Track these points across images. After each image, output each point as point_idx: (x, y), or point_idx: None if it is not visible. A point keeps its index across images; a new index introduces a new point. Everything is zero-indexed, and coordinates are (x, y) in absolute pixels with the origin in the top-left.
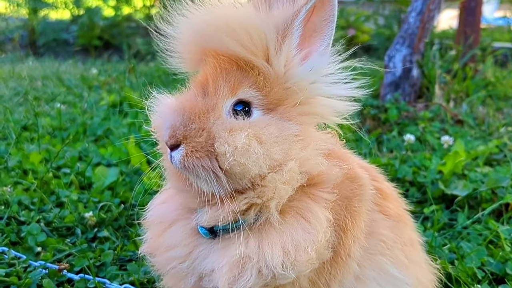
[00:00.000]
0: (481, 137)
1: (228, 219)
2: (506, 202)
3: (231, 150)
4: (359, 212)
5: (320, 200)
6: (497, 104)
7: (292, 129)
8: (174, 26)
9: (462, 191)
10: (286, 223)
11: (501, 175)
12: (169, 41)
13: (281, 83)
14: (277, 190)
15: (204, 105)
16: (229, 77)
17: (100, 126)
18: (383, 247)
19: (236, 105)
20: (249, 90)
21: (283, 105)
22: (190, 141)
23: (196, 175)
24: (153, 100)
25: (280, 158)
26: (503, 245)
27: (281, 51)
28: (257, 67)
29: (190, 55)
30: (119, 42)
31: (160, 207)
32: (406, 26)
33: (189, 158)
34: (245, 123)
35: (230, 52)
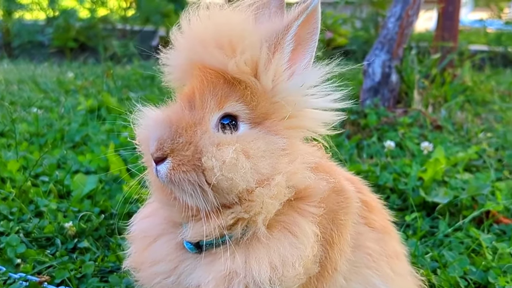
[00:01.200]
0: (460, 142)
1: (215, 234)
2: (487, 210)
3: (219, 165)
4: (345, 225)
5: (307, 215)
6: (475, 109)
7: (279, 143)
8: (173, 39)
9: (443, 199)
10: (273, 238)
11: (481, 182)
12: (166, 54)
13: (268, 97)
14: (265, 205)
15: (191, 119)
16: (216, 90)
17: (78, 132)
18: (369, 260)
19: (223, 119)
20: (236, 104)
21: (270, 119)
22: (177, 154)
23: (182, 189)
24: (137, 112)
25: (268, 172)
26: (485, 253)
27: (270, 66)
28: (244, 81)
29: (180, 67)
30: (95, 44)
31: (144, 221)
32: (385, 32)
33: (175, 171)
34: (232, 137)
35: (218, 67)
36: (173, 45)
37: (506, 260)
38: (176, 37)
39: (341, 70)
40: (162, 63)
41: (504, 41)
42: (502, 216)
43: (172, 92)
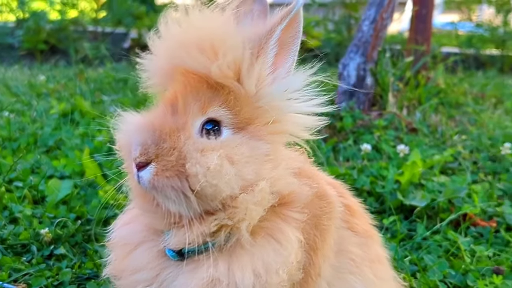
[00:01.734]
0: (435, 145)
1: (198, 241)
2: (464, 213)
3: (203, 171)
4: (328, 230)
5: (290, 221)
6: (449, 112)
7: (263, 149)
8: (151, 43)
9: (421, 202)
10: (257, 245)
11: (457, 185)
12: (145, 59)
13: (251, 102)
14: (249, 211)
15: (174, 124)
16: (199, 95)
17: (51, 136)
18: (352, 265)
19: (206, 124)
20: (219, 109)
21: (253, 124)
22: (161, 159)
23: (165, 195)
24: (117, 117)
25: (252, 178)
26: (464, 256)
27: (253, 71)
28: (228, 86)
29: (161, 72)
30: (66, 47)
31: (125, 228)
32: (360, 35)
33: (159, 177)
34: (216, 143)
35: (200, 71)
36: (151, 50)
37: (484, 263)
38: (155, 42)
39: (322, 74)
40: (140, 68)
41: (475, 43)
42: (479, 219)
43: (151, 97)
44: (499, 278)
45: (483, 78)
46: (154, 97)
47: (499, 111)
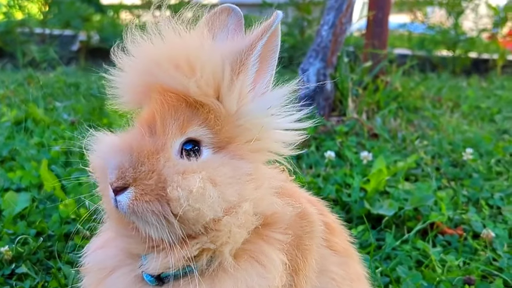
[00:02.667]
0: (397, 151)
1: (178, 266)
2: (430, 221)
3: (185, 195)
4: (310, 250)
5: (274, 242)
6: (408, 116)
7: (245, 168)
8: (120, 60)
9: (388, 211)
10: (240, 268)
11: (424, 192)
12: (115, 76)
13: (232, 120)
14: (232, 234)
15: (153, 145)
16: (177, 114)
17: (5, 146)
18: (333, 285)
19: (185, 144)
20: (199, 129)
21: (234, 143)
22: (139, 183)
23: (146, 220)
24: (90, 137)
25: (235, 200)
26: (435, 267)
27: (234, 88)
28: (207, 105)
29: (134, 90)
30: (13, 50)
31: (99, 252)
32: (319, 40)
33: (138, 202)
34: (198, 164)
35: (181, 90)
36: (119, 67)
37: (455, 273)
38: (123, 59)
39: (300, 88)
40: (109, 85)
41: (427, 45)
42: (446, 227)
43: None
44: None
45: (437, 81)
46: (126, 115)
47: (456, 114)
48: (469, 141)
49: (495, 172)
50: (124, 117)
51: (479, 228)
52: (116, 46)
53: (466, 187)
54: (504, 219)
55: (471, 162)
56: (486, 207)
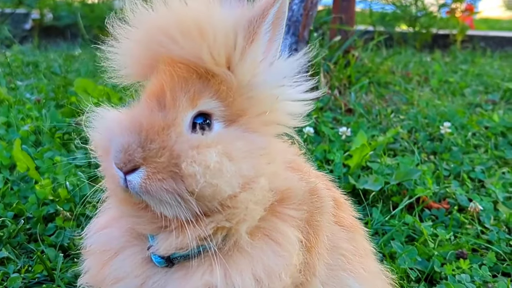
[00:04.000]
0: (373, 126)
1: (191, 246)
2: (416, 195)
3: (202, 171)
4: (321, 227)
5: (287, 219)
6: (379, 91)
7: (259, 142)
8: (120, 30)
9: (374, 186)
10: (255, 247)
11: (408, 166)
12: (113, 47)
13: (244, 92)
14: (249, 211)
15: (163, 120)
16: (188, 86)
17: None
18: (344, 261)
19: (196, 118)
20: (211, 101)
21: (245, 116)
22: (151, 162)
23: (160, 199)
24: (90, 113)
25: (251, 175)
26: (427, 241)
27: (246, 58)
28: (219, 75)
29: (139, 62)
30: None
31: (102, 233)
32: (290, 14)
33: (151, 180)
34: (211, 138)
35: (191, 60)
36: (120, 38)
37: (447, 247)
38: (125, 30)
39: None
40: (107, 57)
41: (388, 21)
42: (432, 201)
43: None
44: (466, 262)
45: (403, 56)
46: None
47: (426, 89)
48: (443, 115)
49: (472, 146)
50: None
51: (464, 202)
52: (112, 17)
53: (446, 161)
54: (487, 192)
55: (448, 136)
56: (468, 181)
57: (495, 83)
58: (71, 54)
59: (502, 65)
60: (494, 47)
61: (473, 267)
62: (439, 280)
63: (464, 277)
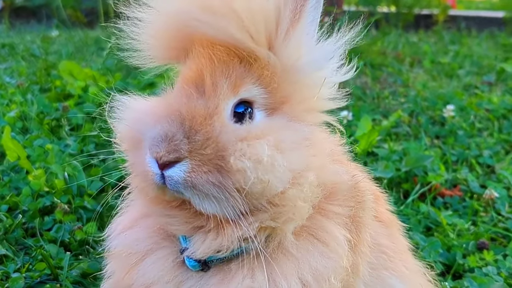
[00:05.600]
0: (372, 109)
1: (232, 248)
2: (427, 182)
3: (253, 166)
4: (363, 223)
5: (333, 216)
6: (373, 73)
7: (304, 132)
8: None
9: (385, 173)
10: (300, 248)
11: (418, 152)
12: (136, 27)
13: (289, 77)
14: (297, 210)
15: (204, 108)
16: (229, 71)
17: None
18: (385, 259)
19: (237, 107)
20: (253, 88)
21: (288, 103)
22: (196, 154)
23: (206, 193)
24: (113, 102)
25: (301, 168)
26: (447, 231)
27: (290, 38)
28: (262, 60)
29: (168, 45)
30: None
31: (127, 234)
32: None
33: (196, 173)
34: (260, 128)
35: (227, 40)
36: (145, 17)
37: (466, 237)
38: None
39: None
40: (127, 38)
41: (372, 1)
42: (444, 188)
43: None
44: (490, 254)
45: (392, 37)
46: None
47: (419, 70)
48: (441, 97)
49: (476, 129)
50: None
51: (477, 189)
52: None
53: (452, 145)
54: (498, 178)
55: (451, 119)
56: (477, 166)
57: (487, 64)
58: (48, 36)
59: (489, 45)
60: (475, 27)
61: (498, 258)
62: (462, 272)
63: (491, 269)
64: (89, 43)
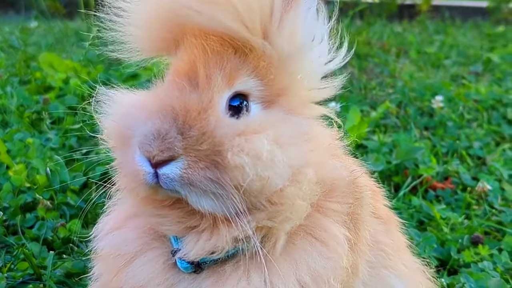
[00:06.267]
0: (359, 100)
1: (227, 249)
2: (419, 175)
3: (251, 162)
4: (362, 220)
5: (331, 214)
6: (359, 64)
7: (302, 125)
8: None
9: (375, 166)
10: (297, 248)
11: (409, 144)
12: (121, 17)
13: (285, 67)
14: (295, 208)
15: (197, 102)
16: (223, 63)
17: None
18: (384, 257)
19: (231, 100)
20: (249, 80)
21: (284, 95)
22: (191, 151)
23: (203, 189)
24: (100, 96)
25: (300, 164)
26: (440, 226)
27: (285, 26)
28: (257, 50)
29: (157, 35)
30: None
31: (115, 234)
32: None
33: (193, 170)
34: (260, 122)
35: (221, 29)
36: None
37: (460, 231)
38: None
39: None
40: (117, 28)
41: None
42: (436, 181)
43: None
44: (485, 248)
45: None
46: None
47: (406, 61)
48: (429, 88)
49: (465, 120)
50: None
51: (468, 181)
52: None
53: (442, 137)
54: (489, 170)
55: (439, 110)
56: (468, 158)
57: (473, 54)
58: (27, 27)
59: (474, 35)
60: (459, 16)
61: (493, 253)
62: (457, 267)
63: (487, 264)
64: (69, 34)
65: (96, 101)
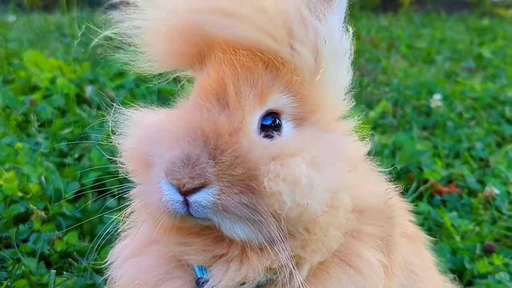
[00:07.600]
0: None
1: (257, 279)
2: (425, 179)
3: (289, 188)
4: (394, 242)
5: (365, 238)
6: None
7: (338, 144)
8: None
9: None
10: (331, 277)
11: (412, 147)
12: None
13: (317, 80)
14: (327, 239)
15: (228, 123)
16: (254, 79)
17: None
18: (415, 279)
19: (263, 119)
20: (281, 96)
21: (317, 111)
22: (223, 176)
23: (238, 215)
24: (118, 115)
25: (338, 188)
26: (452, 233)
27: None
28: (290, 63)
29: (179, 49)
30: None
31: (133, 262)
32: None
33: (227, 195)
34: (292, 143)
35: (245, 41)
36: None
37: (471, 239)
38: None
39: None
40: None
41: None
42: (441, 185)
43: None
44: (499, 258)
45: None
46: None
47: (397, 56)
48: (424, 85)
49: (464, 119)
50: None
51: (474, 184)
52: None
53: (442, 137)
54: (493, 172)
55: (437, 109)
56: (471, 159)
57: (463, 48)
58: (4, 21)
59: (461, 29)
60: (443, 9)
61: (507, 262)
62: (471, 278)
63: (503, 276)
64: (50, 29)
65: (113, 121)
